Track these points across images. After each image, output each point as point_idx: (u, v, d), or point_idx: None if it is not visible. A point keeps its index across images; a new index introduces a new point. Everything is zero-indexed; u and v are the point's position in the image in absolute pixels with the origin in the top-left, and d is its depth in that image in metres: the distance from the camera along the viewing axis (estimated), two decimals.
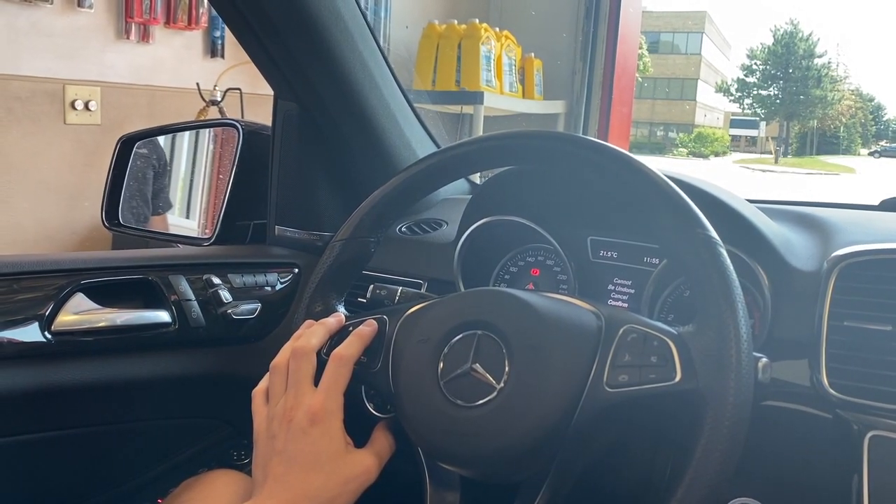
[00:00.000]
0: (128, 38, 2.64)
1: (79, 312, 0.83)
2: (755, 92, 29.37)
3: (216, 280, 0.95)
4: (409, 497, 0.74)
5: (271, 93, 1.07)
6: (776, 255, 0.80)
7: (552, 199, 0.97)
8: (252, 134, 1.14)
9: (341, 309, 0.79)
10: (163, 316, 0.90)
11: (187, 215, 1.31)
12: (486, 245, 1.01)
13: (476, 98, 3.50)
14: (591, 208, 0.96)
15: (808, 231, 0.90)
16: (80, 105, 2.56)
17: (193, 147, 1.29)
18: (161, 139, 1.34)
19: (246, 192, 1.16)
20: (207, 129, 1.31)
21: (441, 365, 0.67)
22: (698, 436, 0.58)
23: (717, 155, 26.74)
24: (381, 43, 3.40)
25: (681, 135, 28.38)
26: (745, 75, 29.73)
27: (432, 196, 1.20)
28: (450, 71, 3.62)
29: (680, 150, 26.14)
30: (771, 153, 27.13)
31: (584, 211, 0.97)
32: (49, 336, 0.81)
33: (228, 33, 2.89)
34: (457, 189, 1.30)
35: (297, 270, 1.07)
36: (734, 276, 0.62)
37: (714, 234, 0.64)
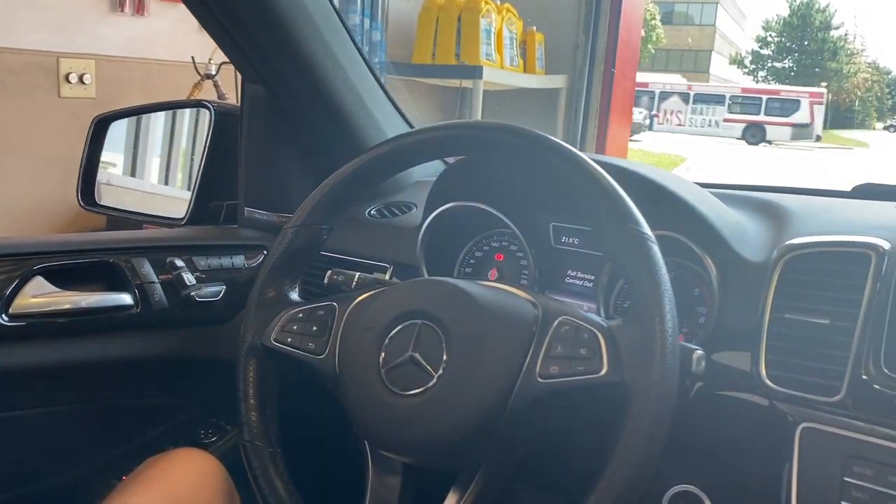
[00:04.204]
0: (122, 10, 2.63)
1: (38, 296, 0.84)
2: (770, 64, 29.00)
3: (179, 263, 0.96)
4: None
5: None
6: (725, 245, 0.80)
7: (516, 185, 0.97)
8: (224, 115, 1.15)
9: (294, 295, 0.80)
10: (125, 298, 0.91)
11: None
12: (452, 230, 1.01)
13: (475, 72, 3.47)
14: (554, 194, 0.97)
15: (765, 219, 0.90)
16: (74, 79, 2.57)
17: (171, 127, 1.29)
18: (149, 118, 1.34)
19: (219, 172, 1.16)
20: (187, 109, 1.31)
21: (383, 354, 0.68)
22: (621, 428, 0.59)
23: None
24: (380, 16, 3.38)
25: None
26: (760, 47, 29.33)
27: (405, 178, 1.20)
28: (449, 44, 3.59)
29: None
30: None
31: (547, 197, 0.97)
32: (6, 319, 0.83)
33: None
34: (432, 171, 1.30)
35: (265, 252, 1.07)
36: (663, 272, 0.63)
37: (646, 230, 0.64)
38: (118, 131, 1.28)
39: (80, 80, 2.58)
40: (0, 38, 2.41)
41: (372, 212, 1.12)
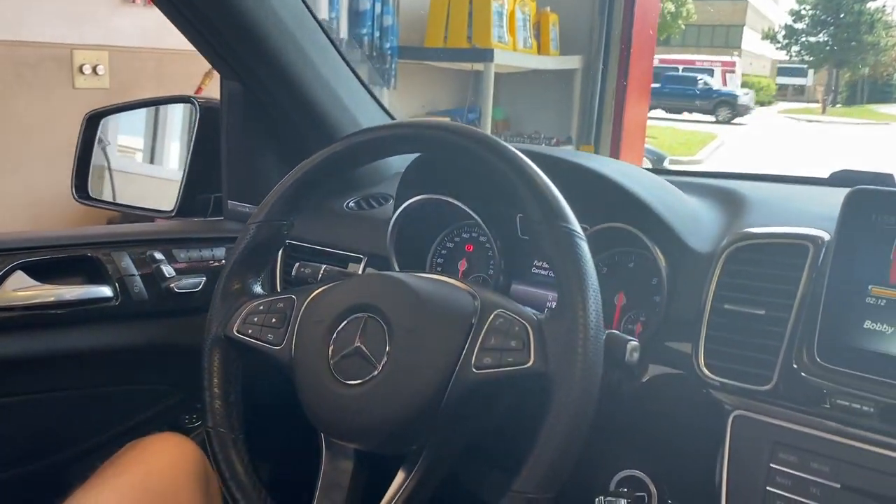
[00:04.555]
0: (134, 1, 2.68)
1: (19, 290, 0.89)
2: (803, 39, 28.32)
3: (158, 256, 1.00)
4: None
5: None
6: (673, 236, 0.82)
7: (482, 178, 0.99)
8: (208, 110, 1.18)
9: (257, 288, 0.83)
10: (105, 291, 0.96)
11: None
12: (423, 222, 1.04)
13: (486, 55, 3.47)
14: None
15: (724, 208, 0.91)
16: (87, 70, 2.62)
17: (162, 121, 1.33)
18: (145, 112, 1.38)
19: (206, 166, 1.20)
20: (180, 104, 1.35)
21: (331, 346, 0.71)
22: (545, 416, 0.62)
23: (762, 105, 25.90)
24: (392, 1, 3.38)
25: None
26: (794, 21, 28.64)
27: (385, 169, 1.23)
28: (461, 27, 3.58)
29: None
30: (818, 102, 26.25)
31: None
32: None
33: None
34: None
35: None
36: (589, 268, 0.65)
37: (574, 227, 0.67)
38: (135, 120, 1.33)
39: (94, 71, 2.64)
40: (15, 32, 2.47)
41: (350, 204, 1.14)
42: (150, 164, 1.44)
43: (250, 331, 0.78)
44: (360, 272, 1.03)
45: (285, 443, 1.01)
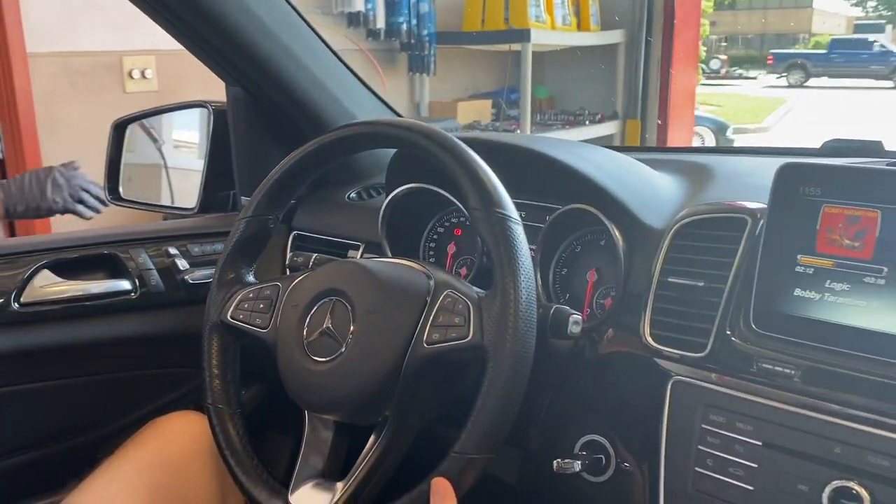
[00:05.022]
0: None
1: (45, 286, 0.99)
2: None
3: (173, 251, 1.09)
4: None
5: None
6: (629, 214, 0.86)
7: None
8: (221, 113, 1.26)
9: (250, 277, 0.91)
10: (125, 284, 1.06)
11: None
12: (414, 208, 1.10)
13: (523, 36, 3.49)
14: (501, 171, 1.04)
15: (691, 185, 0.95)
16: (136, 74, 2.77)
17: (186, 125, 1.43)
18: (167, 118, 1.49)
19: (223, 165, 1.29)
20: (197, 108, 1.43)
21: (305, 327, 0.79)
22: (481, 387, 0.68)
23: None
24: None
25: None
26: None
27: (386, 160, 1.30)
28: (498, 9, 3.61)
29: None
30: None
31: (502, 172, 1.05)
32: (17, 306, 0.98)
33: None
34: None
35: None
36: (521, 247, 0.70)
37: (509, 212, 0.72)
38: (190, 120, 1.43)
39: (143, 75, 2.78)
40: (67, 42, 2.63)
41: (352, 194, 1.22)
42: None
43: (242, 316, 0.86)
44: (357, 258, 1.10)
45: (280, 418, 1.10)
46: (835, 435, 0.65)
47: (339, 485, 0.76)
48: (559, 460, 0.81)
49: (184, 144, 1.50)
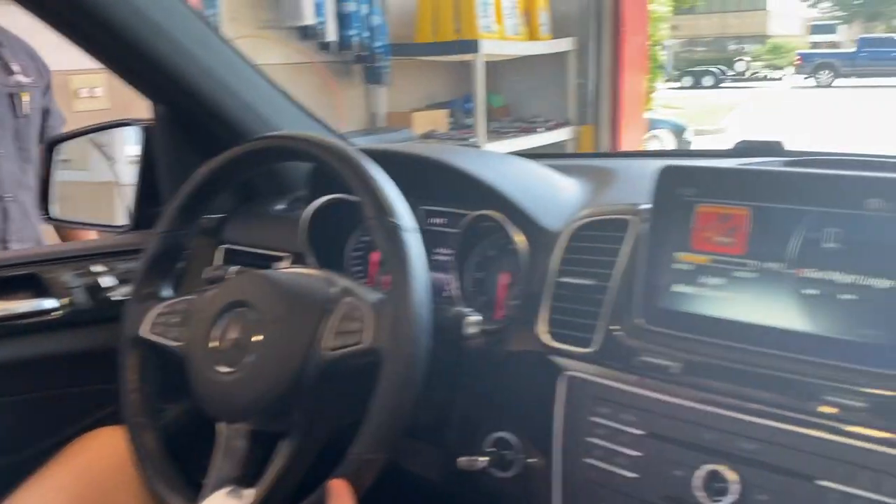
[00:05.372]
0: None
1: None
2: None
3: (98, 268, 1.11)
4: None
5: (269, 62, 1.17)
6: (528, 218, 0.89)
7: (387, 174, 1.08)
8: (150, 129, 1.28)
9: (166, 292, 0.93)
10: (48, 303, 1.07)
11: None
12: (338, 217, 1.12)
13: (473, 46, 3.53)
14: (423, 179, 1.07)
15: (594, 188, 0.99)
16: (84, 93, 2.77)
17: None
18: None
19: (155, 181, 1.31)
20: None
21: (213, 339, 0.81)
22: (377, 388, 0.71)
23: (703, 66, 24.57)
24: (378, 2, 3.45)
25: (756, 47, 26.95)
26: None
27: None
28: (448, 20, 3.65)
29: (753, 63, 24.80)
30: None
31: (417, 182, 1.08)
32: None
33: (222, 10, 3.03)
34: None
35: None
36: (413, 254, 0.73)
37: (402, 220, 0.75)
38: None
39: (91, 93, 2.78)
40: None
41: (280, 207, 1.24)
42: None
43: (157, 330, 0.88)
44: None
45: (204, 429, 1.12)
46: (708, 422, 0.68)
47: (249, 491, 0.78)
48: (464, 457, 0.84)
49: (121, 162, 1.51)
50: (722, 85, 19.55)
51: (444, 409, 0.94)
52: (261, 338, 0.78)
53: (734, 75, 20.51)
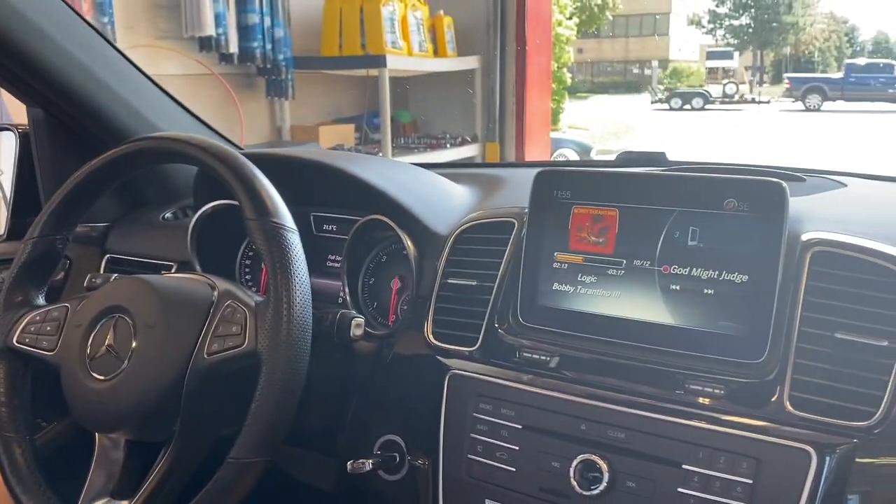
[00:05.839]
0: None
1: None
2: (727, 22, 29.14)
3: None
4: None
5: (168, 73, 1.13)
6: (418, 222, 0.90)
7: (274, 179, 1.07)
8: (28, 136, 1.23)
9: (39, 299, 0.89)
10: None
11: None
12: (227, 225, 1.10)
13: (379, 62, 3.55)
14: (315, 185, 1.06)
15: (483, 194, 1.01)
16: None
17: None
18: None
19: (33, 190, 1.25)
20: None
21: (88, 346, 0.78)
22: (256, 392, 0.70)
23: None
24: (281, 13, 3.41)
25: (658, 71, 28.10)
26: (717, 5, 29.46)
27: None
28: (354, 35, 3.66)
29: (656, 86, 25.89)
30: (746, 83, 26.96)
31: (309, 187, 1.07)
32: None
33: (116, 17, 2.94)
34: None
35: (68, 262, 1.17)
36: (293, 256, 0.73)
37: (283, 221, 0.75)
38: None
39: None
40: None
41: (167, 215, 1.21)
42: None
43: (27, 339, 0.84)
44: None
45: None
46: (582, 413, 0.71)
47: (125, 503, 0.76)
48: (352, 462, 0.84)
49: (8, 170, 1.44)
50: (708, 107, 20.20)
51: (337, 414, 0.93)
52: (137, 344, 0.75)
53: (722, 98, 21.30)
